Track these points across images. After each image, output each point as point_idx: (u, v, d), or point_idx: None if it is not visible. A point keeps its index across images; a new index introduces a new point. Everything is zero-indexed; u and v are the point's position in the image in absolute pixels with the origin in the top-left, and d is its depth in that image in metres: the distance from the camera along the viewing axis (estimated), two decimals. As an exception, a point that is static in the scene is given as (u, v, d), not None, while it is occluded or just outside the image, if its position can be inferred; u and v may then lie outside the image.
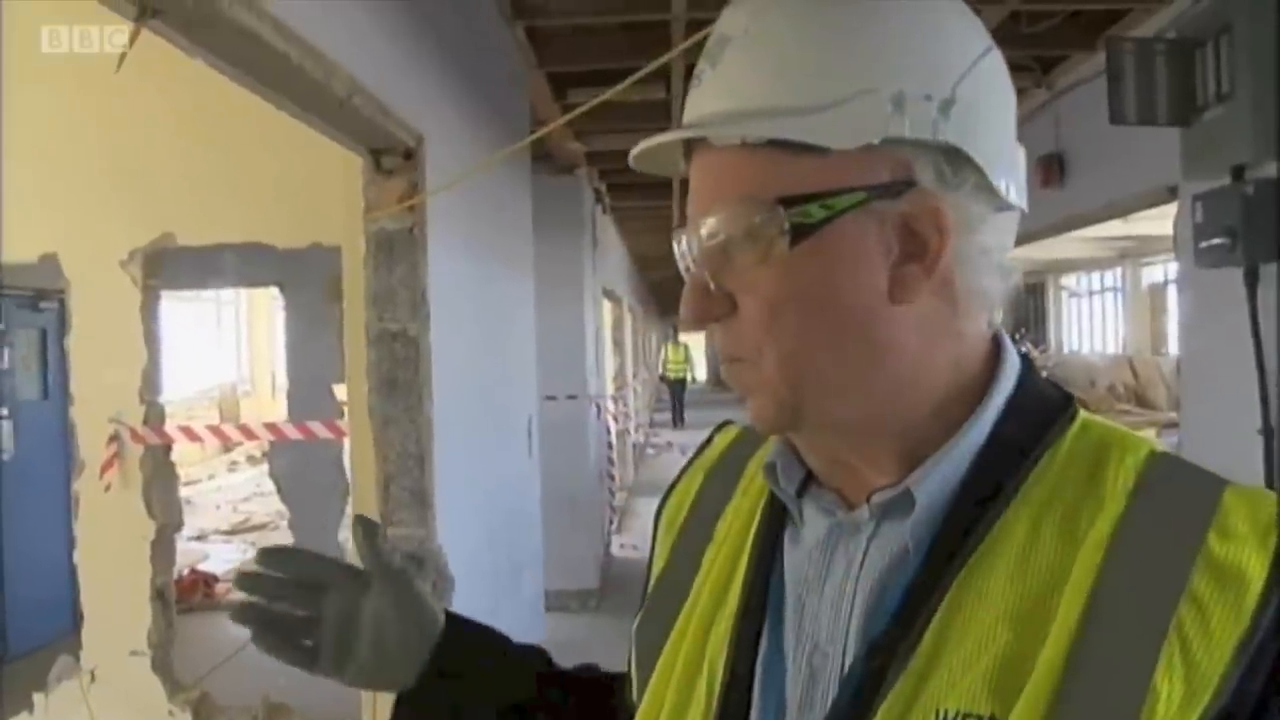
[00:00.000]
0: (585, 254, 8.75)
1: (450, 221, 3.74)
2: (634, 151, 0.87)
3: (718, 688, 0.86)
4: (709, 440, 1.09)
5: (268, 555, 1.08)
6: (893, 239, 0.78)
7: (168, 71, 5.09)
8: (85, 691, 5.51)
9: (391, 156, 3.34)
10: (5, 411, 7.06)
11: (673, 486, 1.08)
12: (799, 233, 0.77)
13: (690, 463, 1.08)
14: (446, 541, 3.34)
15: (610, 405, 10.85)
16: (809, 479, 0.89)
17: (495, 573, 4.55)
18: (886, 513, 0.82)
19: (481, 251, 4.59)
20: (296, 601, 1.07)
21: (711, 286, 0.82)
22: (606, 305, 11.42)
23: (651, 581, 1.02)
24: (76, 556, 5.65)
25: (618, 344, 13.55)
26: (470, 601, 3.71)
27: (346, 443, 8.01)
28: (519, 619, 5.32)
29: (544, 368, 6.63)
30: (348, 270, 3.55)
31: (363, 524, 1.08)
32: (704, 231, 0.81)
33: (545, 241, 6.74)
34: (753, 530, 0.92)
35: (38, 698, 5.64)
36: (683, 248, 0.84)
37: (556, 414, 7.66)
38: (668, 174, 0.91)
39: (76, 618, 5.69)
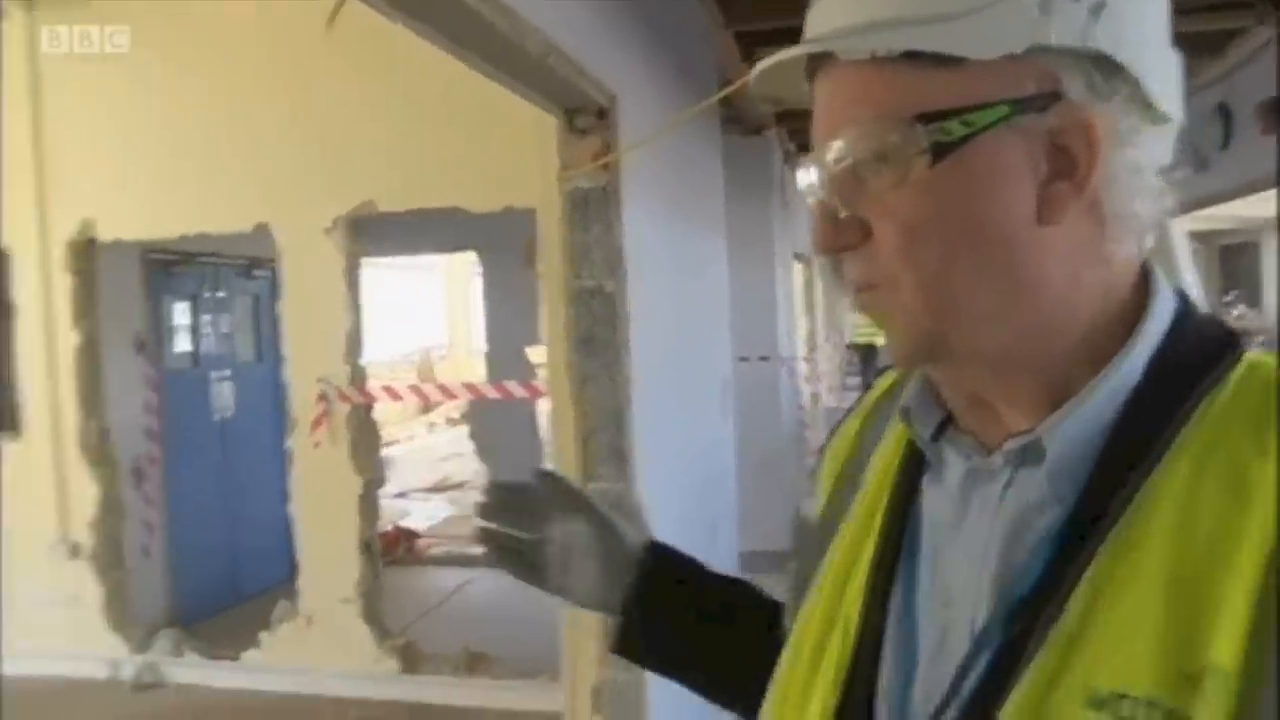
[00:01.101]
0: (774, 215, 8.67)
1: (643, 180, 3.75)
2: (753, 73, 0.82)
3: (852, 638, 0.83)
4: (870, 386, 1.05)
5: (496, 487, 1.20)
6: (1039, 156, 0.72)
7: (367, 44, 5.29)
8: (303, 634, 5.82)
9: (585, 116, 3.36)
10: (228, 373, 7.47)
11: (833, 433, 1.04)
12: (938, 152, 0.72)
13: (851, 410, 1.05)
14: (644, 497, 3.37)
15: (802, 368, 10.76)
16: (947, 422, 0.84)
17: (691, 531, 4.57)
18: (1022, 460, 0.76)
19: (674, 210, 4.60)
20: (524, 527, 1.18)
21: (842, 213, 0.77)
22: (796, 267, 11.32)
23: (810, 528, 0.99)
24: (291, 509, 5.96)
25: (808, 306, 13.42)
26: (666, 558, 3.73)
27: (540, 404, 8.23)
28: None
29: (735, 329, 6.62)
30: (543, 230, 3.59)
31: (543, 475, 1.19)
32: (832, 155, 0.76)
33: (735, 202, 6.71)
34: (893, 476, 0.88)
35: (264, 636, 6.02)
36: (810, 176, 0.79)
37: (749, 375, 7.64)
38: (790, 97, 0.85)
39: (293, 566, 6.01)
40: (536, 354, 8.23)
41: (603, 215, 3.24)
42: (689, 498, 4.71)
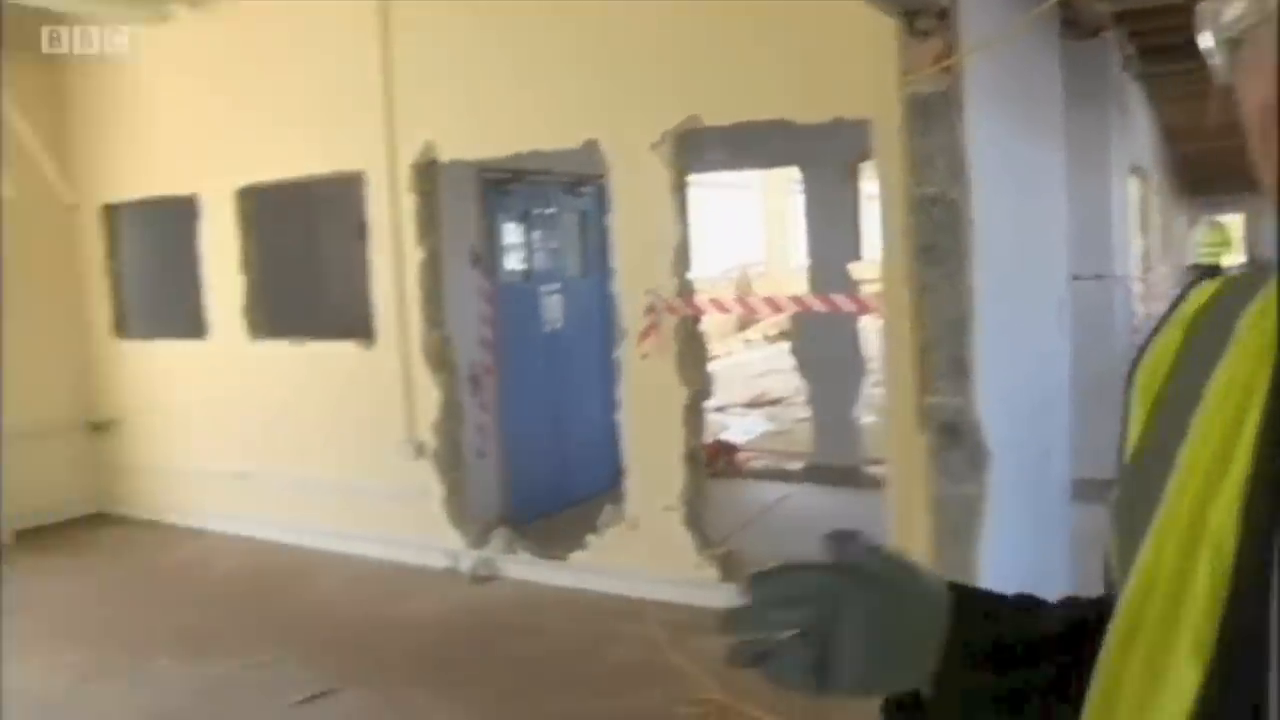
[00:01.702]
0: (1111, 124, 8.15)
1: (983, 85, 3.59)
2: None
3: (1227, 563, 0.74)
4: (1181, 297, 0.92)
5: (753, 581, 0.94)
6: None
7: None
8: (627, 538, 6.03)
9: (926, 18, 3.24)
10: (556, 286, 7.76)
11: (1143, 350, 0.93)
12: None
13: (1160, 324, 0.93)
14: (982, 413, 3.27)
15: (1137, 288, 10.14)
16: None
17: (1023, 454, 4.41)
18: None
19: (1013, 117, 4.39)
20: (785, 622, 0.93)
21: None
22: (1132, 181, 10.64)
23: (1128, 452, 0.90)
24: (618, 418, 6.15)
25: (1143, 224, 12.62)
26: (1001, 479, 3.62)
27: (864, 319, 8.13)
28: (1046, 505, 5.17)
29: (1069, 245, 6.30)
30: (880, 138, 3.52)
31: (841, 536, 0.94)
32: None
33: (1070, 109, 6.34)
34: (1260, 390, 0.78)
35: (591, 538, 6.29)
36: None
37: (1083, 295, 7.27)
38: None
39: (616, 473, 6.22)
40: (860, 269, 8.12)
41: (945, 120, 3.12)
42: (1023, 419, 4.54)
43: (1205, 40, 0.70)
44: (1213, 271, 17.28)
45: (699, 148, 6.43)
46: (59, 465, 8.42)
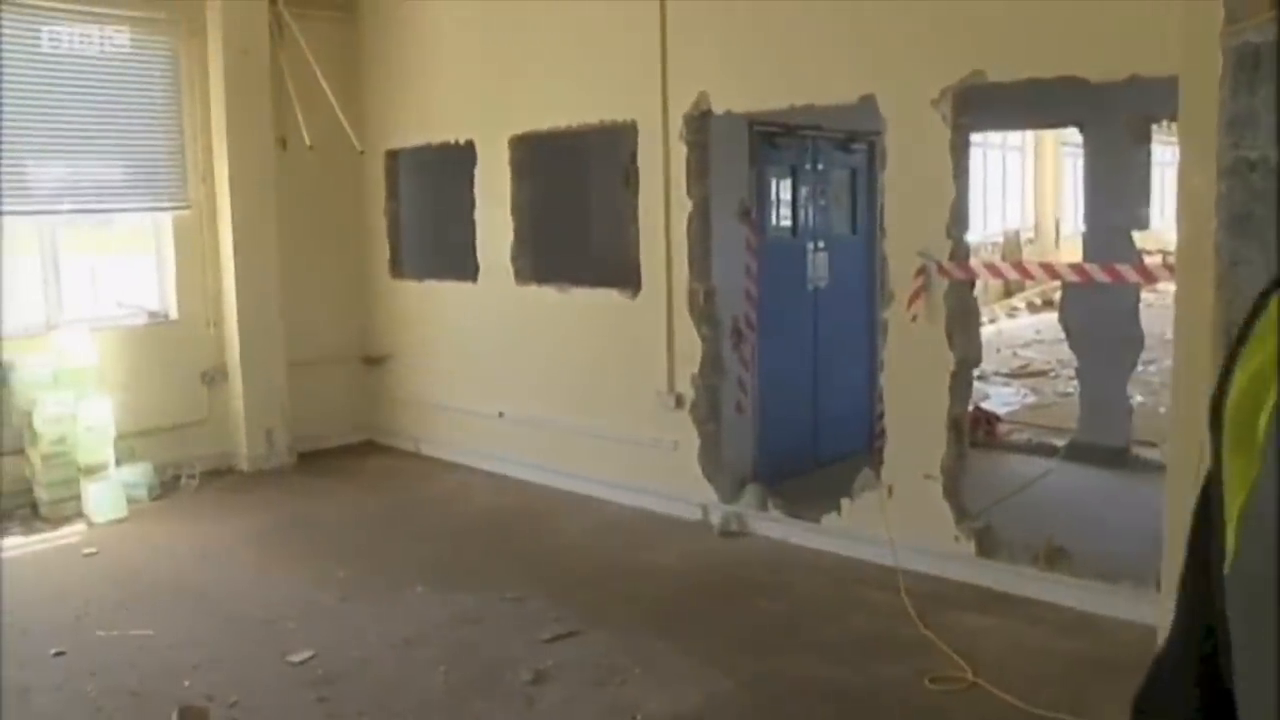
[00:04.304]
0: None
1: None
2: None
3: None
4: (1260, 307, 0.69)
5: None
6: None
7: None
8: (883, 504, 5.88)
9: (1254, -38, 2.95)
10: (823, 244, 7.62)
11: (1225, 377, 0.70)
12: None
13: (1240, 342, 0.70)
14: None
15: None
16: None
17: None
18: None
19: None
20: None
21: None
22: None
23: (1231, 510, 0.67)
24: (882, 380, 6.01)
25: None
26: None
27: (1145, 292, 7.65)
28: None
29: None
30: (1188, 96, 3.25)
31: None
32: None
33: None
34: None
35: (844, 502, 6.17)
36: None
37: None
38: None
39: (871, 436, 6.06)
40: (1144, 238, 7.65)
41: (1276, 73, 2.83)
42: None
43: None
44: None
45: (976, 105, 6.16)
46: (336, 395, 8.96)
